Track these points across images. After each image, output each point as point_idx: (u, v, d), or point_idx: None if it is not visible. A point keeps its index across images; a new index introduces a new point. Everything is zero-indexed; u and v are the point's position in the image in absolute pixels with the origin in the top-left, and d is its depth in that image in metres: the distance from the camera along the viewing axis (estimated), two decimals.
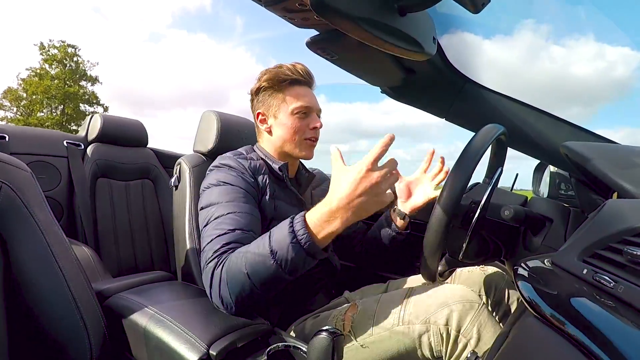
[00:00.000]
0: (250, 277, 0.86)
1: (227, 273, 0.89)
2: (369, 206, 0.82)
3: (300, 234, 0.84)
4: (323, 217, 0.84)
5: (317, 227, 0.85)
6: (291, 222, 0.86)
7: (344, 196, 0.82)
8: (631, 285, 0.46)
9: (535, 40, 1.30)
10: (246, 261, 0.87)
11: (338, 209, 0.83)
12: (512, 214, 0.89)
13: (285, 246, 0.84)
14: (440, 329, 0.90)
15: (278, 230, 0.88)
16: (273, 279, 0.87)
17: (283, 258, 0.84)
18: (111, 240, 2.02)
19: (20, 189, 0.78)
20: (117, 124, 2.16)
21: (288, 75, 1.18)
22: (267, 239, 0.88)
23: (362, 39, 0.73)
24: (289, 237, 0.84)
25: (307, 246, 0.84)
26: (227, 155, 1.18)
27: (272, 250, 0.85)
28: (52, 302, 0.80)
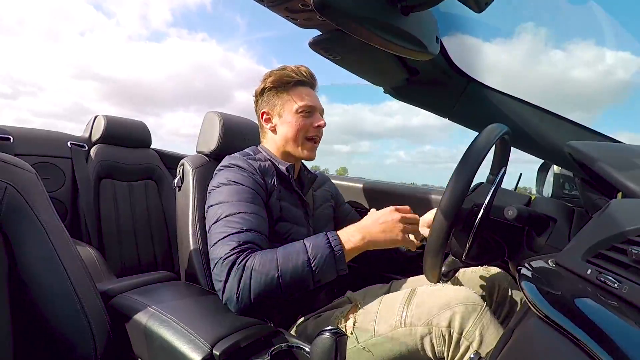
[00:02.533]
0: (280, 280, 0.93)
1: (253, 268, 0.93)
2: (386, 236, 1.01)
3: (336, 248, 0.97)
4: (352, 233, 1.01)
5: (350, 244, 0.99)
6: (327, 236, 0.99)
7: (372, 220, 1.02)
8: (635, 286, 0.46)
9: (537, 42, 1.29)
10: (280, 265, 0.94)
11: (365, 227, 1.01)
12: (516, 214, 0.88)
13: (322, 256, 0.95)
14: (443, 331, 0.89)
15: (314, 241, 0.99)
16: (302, 284, 0.95)
17: (317, 266, 0.95)
18: (115, 240, 2.02)
19: (25, 190, 0.78)
20: (121, 125, 2.16)
21: (292, 76, 1.20)
22: (302, 247, 0.97)
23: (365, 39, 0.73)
24: (326, 248, 0.97)
25: (339, 258, 0.97)
26: (236, 156, 1.19)
27: (309, 257, 0.95)
28: (57, 302, 0.80)
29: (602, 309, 0.47)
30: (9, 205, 0.75)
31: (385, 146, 51.68)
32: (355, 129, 55.69)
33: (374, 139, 54.59)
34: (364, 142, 56.91)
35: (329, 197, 1.40)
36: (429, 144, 67.68)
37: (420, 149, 73.58)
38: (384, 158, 33.79)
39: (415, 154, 68.00)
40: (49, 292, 0.79)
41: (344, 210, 1.46)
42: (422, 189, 1.71)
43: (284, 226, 1.14)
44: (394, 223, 1.01)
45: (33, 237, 0.78)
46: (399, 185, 1.79)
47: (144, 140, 2.27)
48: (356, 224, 1.03)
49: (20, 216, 0.77)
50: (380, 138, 63.63)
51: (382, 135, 48.71)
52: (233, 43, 79.21)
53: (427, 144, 70.46)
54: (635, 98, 9.44)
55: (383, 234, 1.00)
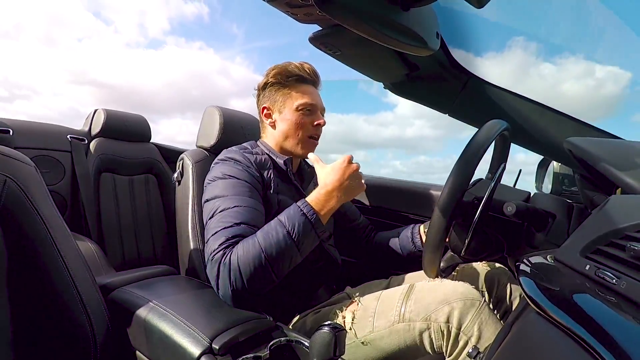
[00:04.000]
0: (266, 257, 0.93)
1: (238, 259, 0.93)
2: (355, 189, 1.05)
3: (309, 214, 0.98)
4: (322, 198, 1.02)
5: (319, 206, 1.01)
6: (298, 206, 1.00)
7: (336, 179, 1.02)
8: (633, 281, 0.46)
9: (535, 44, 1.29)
10: (261, 244, 0.94)
11: (333, 190, 1.01)
12: (515, 210, 0.88)
13: (298, 224, 0.96)
14: (441, 326, 0.90)
15: (287, 214, 0.99)
16: (287, 257, 0.96)
17: (297, 235, 0.96)
18: (115, 234, 2.02)
19: (25, 183, 0.78)
20: (121, 119, 2.16)
21: (295, 72, 1.19)
22: (278, 222, 0.98)
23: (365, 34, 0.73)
24: (301, 217, 0.97)
25: (315, 223, 0.98)
26: (233, 149, 1.19)
27: (287, 230, 0.96)
28: (56, 296, 0.80)
29: (600, 304, 0.47)
30: (8, 198, 0.75)
31: (380, 156, 52.43)
32: (351, 139, 56.39)
33: (370, 149, 55.36)
34: (360, 151, 57.25)
35: None
36: (424, 154, 68.66)
37: (415, 159, 76.34)
38: (380, 168, 33.77)
39: (410, 164, 69.95)
40: (48, 286, 0.79)
41: (344, 205, 1.45)
42: (423, 184, 1.71)
43: None
44: (354, 177, 1.04)
45: (32, 230, 0.78)
46: (399, 181, 1.79)
47: (143, 134, 2.26)
48: (323, 185, 1.03)
49: (19, 209, 0.76)
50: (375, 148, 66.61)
51: (378, 145, 49.66)
52: (230, 52, 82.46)
53: (421, 154, 71.76)
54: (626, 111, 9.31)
55: (349, 191, 1.03)
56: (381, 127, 66.23)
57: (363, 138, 49.94)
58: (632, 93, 1.59)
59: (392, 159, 31.13)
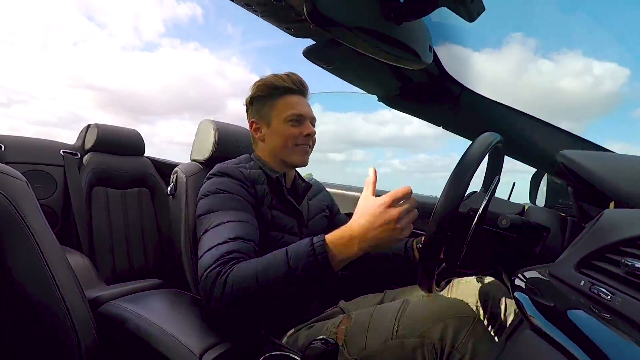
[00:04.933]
0: (261, 290, 0.85)
1: (233, 280, 0.86)
2: (387, 240, 0.85)
3: (319, 256, 0.84)
4: (342, 241, 0.86)
5: (336, 249, 0.86)
6: (311, 242, 0.87)
7: (364, 226, 0.84)
8: (628, 298, 0.46)
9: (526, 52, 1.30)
10: (258, 273, 0.86)
11: (357, 237, 0.85)
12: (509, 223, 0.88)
13: (303, 264, 0.84)
14: (435, 344, 0.89)
15: (297, 247, 0.88)
16: (281, 292, 0.86)
17: (299, 277, 0.84)
18: (107, 248, 2.00)
19: (15, 198, 0.77)
20: (114, 133, 2.15)
21: (281, 84, 1.18)
22: (283, 256, 0.87)
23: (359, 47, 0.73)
24: (309, 256, 0.85)
25: (325, 267, 0.84)
26: (226, 164, 1.18)
27: (289, 265, 0.85)
28: (44, 309, 0.79)
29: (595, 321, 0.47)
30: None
31: (379, 155, 46.13)
32: (349, 138, 52.27)
33: (368, 148, 49.93)
34: (358, 150, 51.53)
35: (324, 207, 1.39)
36: (423, 152, 65.66)
37: (414, 157, 69.21)
38: (379, 167, 33.77)
39: (410, 162, 63.07)
40: (35, 299, 0.78)
41: (339, 220, 1.45)
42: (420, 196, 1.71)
43: (275, 235, 1.12)
44: (392, 224, 0.83)
45: (22, 245, 0.77)
46: None
47: (137, 148, 2.26)
48: (349, 227, 0.87)
49: (9, 224, 0.76)
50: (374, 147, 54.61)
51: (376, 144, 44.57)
52: (225, 52, 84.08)
53: (420, 152, 68.02)
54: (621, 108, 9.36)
55: (382, 240, 0.85)
56: (380, 125, 62.80)
57: (362, 137, 47.33)
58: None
59: (391, 157, 30.87)
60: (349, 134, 16.63)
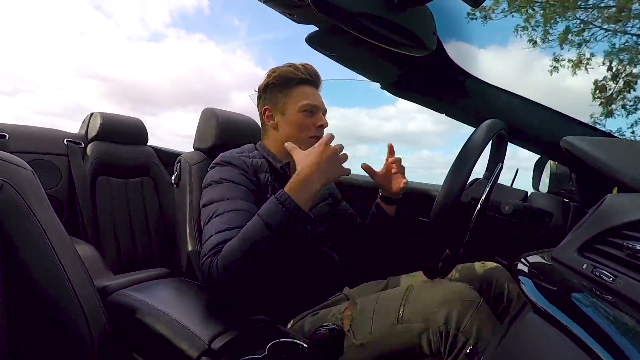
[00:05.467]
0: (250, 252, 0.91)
1: (224, 262, 0.91)
2: (334, 170, 0.99)
3: (287, 203, 0.93)
4: (299, 184, 0.96)
5: (297, 193, 0.95)
6: (275, 197, 0.96)
7: (312, 162, 0.97)
8: (629, 280, 0.47)
9: None
10: (242, 242, 0.92)
11: (309, 173, 0.96)
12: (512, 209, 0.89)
13: (277, 216, 0.92)
14: (440, 327, 0.90)
15: (265, 208, 0.96)
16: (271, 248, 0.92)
17: (278, 226, 0.91)
18: (112, 237, 2.02)
19: (21, 187, 0.78)
20: (117, 122, 2.15)
21: (297, 74, 1.19)
22: (257, 218, 0.94)
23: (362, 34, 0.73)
24: (277, 207, 0.93)
25: (295, 211, 0.93)
26: (229, 153, 1.18)
27: (266, 222, 0.92)
28: (55, 300, 0.80)
29: (597, 303, 0.47)
30: (5, 203, 0.74)
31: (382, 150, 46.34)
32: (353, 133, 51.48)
33: (372, 143, 49.50)
34: (362, 145, 50.54)
35: (327, 195, 1.39)
36: (426, 149, 63.36)
37: (418, 154, 66.10)
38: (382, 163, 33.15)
39: (413, 159, 60.55)
40: (46, 290, 0.79)
41: (342, 208, 1.45)
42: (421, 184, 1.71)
43: None
44: (332, 159, 0.98)
45: (30, 234, 0.78)
46: None
47: (140, 137, 2.26)
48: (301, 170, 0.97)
49: (17, 214, 0.76)
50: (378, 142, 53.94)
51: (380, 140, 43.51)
52: (231, 45, 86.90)
53: (424, 149, 65.51)
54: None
55: (327, 173, 0.98)
56: (383, 121, 59.68)
57: (365, 132, 46.34)
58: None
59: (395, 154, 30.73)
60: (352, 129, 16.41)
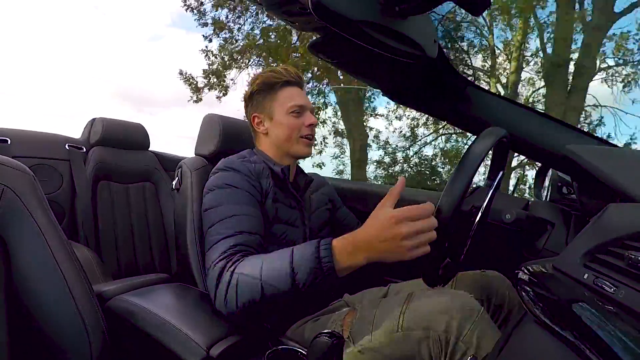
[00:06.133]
0: (262, 287, 0.87)
1: (239, 277, 0.89)
2: (390, 256, 0.82)
3: (324, 260, 0.84)
4: (349, 249, 0.85)
5: (342, 255, 0.85)
6: (317, 246, 0.86)
7: (370, 236, 0.82)
8: (631, 291, 0.46)
9: None
10: (262, 271, 0.88)
11: (362, 247, 0.83)
12: (514, 217, 0.88)
13: (307, 268, 0.85)
14: (440, 336, 0.89)
15: (300, 250, 0.88)
16: (283, 293, 0.87)
17: (303, 279, 0.85)
18: (112, 242, 2.02)
19: (22, 192, 0.78)
20: (119, 127, 2.16)
21: (280, 77, 1.21)
22: (290, 254, 0.88)
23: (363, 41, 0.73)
24: (313, 261, 0.85)
25: (328, 273, 0.84)
26: (232, 159, 1.19)
27: (293, 268, 0.86)
28: (53, 305, 0.80)
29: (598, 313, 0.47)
30: (6, 208, 0.75)
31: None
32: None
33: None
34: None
35: (327, 201, 1.39)
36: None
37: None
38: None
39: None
40: (44, 294, 0.79)
41: (342, 213, 1.45)
42: (422, 191, 1.70)
43: (279, 228, 1.14)
44: (398, 241, 0.79)
45: (30, 239, 0.78)
46: None
47: (142, 143, 2.26)
48: (356, 235, 0.85)
49: (17, 218, 0.76)
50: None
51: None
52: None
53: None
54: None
55: (386, 254, 0.82)
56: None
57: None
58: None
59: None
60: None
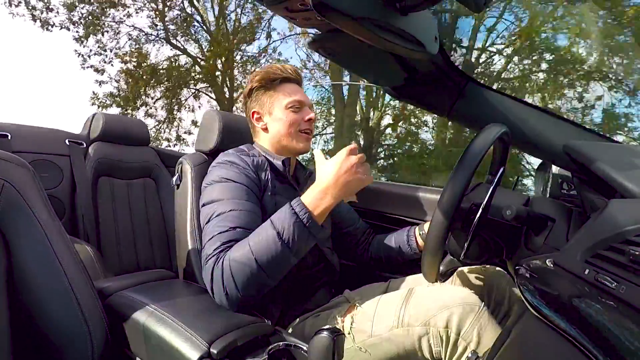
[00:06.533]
0: (257, 262, 0.92)
1: (231, 264, 0.93)
2: (353, 184, 0.98)
3: (301, 213, 0.94)
4: (317, 196, 0.97)
5: (313, 205, 0.96)
6: (290, 206, 0.96)
7: (332, 175, 0.96)
8: (633, 286, 0.46)
9: None
10: (252, 248, 0.93)
11: (328, 187, 0.96)
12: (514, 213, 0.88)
13: (289, 226, 0.93)
14: (440, 331, 0.90)
15: (279, 215, 0.97)
16: (280, 260, 0.94)
17: (289, 237, 0.93)
18: (113, 238, 2.02)
19: (22, 187, 0.78)
20: (119, 123, 2.16)
21: (278, 74, 1.23)
22: (269, 224, 0.96)
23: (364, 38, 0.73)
24: (292, 217, 0.94)
25: (309, 223, 0.94)
26: (230, 152, 1.20)
27: (277, 232, 0.93)
28: (53, 300, 0.80)
29: (600, 309, 0.47)
30: (6, 202, 0.75)
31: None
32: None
33: None
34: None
35: None
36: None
37: None
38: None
39: None
40: (45, 290, 0.79)
41: (343, 209, 1.46)
42: (423, 188, 1.70)
43: None
44: (353, 173, 0.97)
45: (30, 234, 0.78)
46: (398, 185, 1.78)
47: (142, 138, 2.26)
48: (318, 181, 0.98)
49: (17, 213, 0.77)
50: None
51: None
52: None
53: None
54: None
55: (347, 187, 0.97)
56: None
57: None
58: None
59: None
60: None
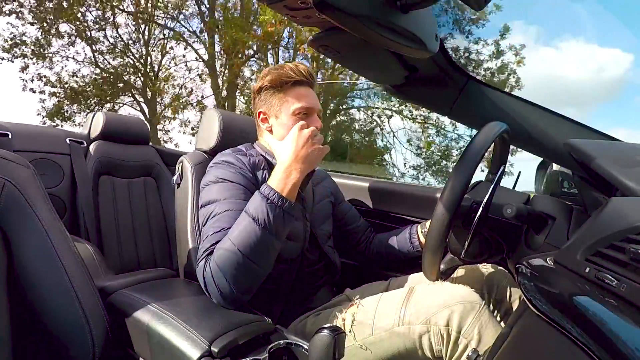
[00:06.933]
0: (241, 252, 0.92)
1: (217, 261, 0.93)
2: (313, 155, 1.03)
3: (270, 195, 0.97)
4: (281, 176, 1.00)
5: (281, 186, 0.99)
6: (259, 192, 0.99)
7: (291, 153, 1.01)
8: (634, 284, 0.46)
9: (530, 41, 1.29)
10: (233, 241, 0.94)
11: (291, 164, 1.00)
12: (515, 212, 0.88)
13: (263, 210, 0.95)
14: (441, 329, 0.90)
15: (251, 203, 0.98)
16: (263, 245, 0.95)
17: (264, 220, 0.94)
18: (114, 237, 2.02)
19: (23, 186, 0.78)
20: (120, 121, 2.16)
21: (291, 76, 1.18)
22: (244, 214, 0.97)
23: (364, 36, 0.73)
24: (262, 201, 0.96)
25: (280, 202, 0.97)
26: (227, 152, 1.19)
27: (253, 218, 0.94)
28: (55, 299, 0.80)
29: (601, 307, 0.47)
30: (7, 202, 0.75)
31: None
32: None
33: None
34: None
35: (329, 193, 1.39)
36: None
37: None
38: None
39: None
40: (46, 289, 0.79)
41: (344, 207, 1.46)
42: (423, 187, 1.71)
43: None
44: (310, 145, 1.02)
45: (31, 233, 0.78)
46: (399, 184, 1.79)
47: (143, 137, 2.26)
48: (278, 164, 1.03)
49: (18, 212, 0.77)
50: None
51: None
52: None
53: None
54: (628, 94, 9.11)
55: (306, 163, 1.01)
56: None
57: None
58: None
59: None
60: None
